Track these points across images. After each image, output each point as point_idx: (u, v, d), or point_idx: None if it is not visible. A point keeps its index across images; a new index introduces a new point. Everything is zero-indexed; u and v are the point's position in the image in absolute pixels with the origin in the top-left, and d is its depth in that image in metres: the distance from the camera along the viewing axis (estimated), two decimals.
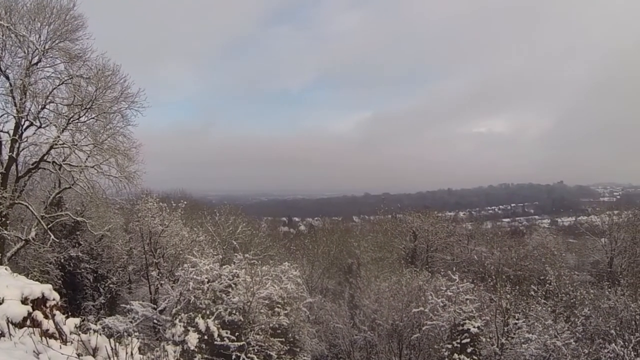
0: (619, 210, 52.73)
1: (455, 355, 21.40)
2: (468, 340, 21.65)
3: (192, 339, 17.82)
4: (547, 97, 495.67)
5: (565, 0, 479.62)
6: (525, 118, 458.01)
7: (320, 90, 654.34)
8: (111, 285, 29.25)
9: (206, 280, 20.17)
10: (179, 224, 27.32)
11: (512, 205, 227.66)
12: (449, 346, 21.74)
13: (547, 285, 34.37)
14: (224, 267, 21.36)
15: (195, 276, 20.23)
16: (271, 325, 19.85)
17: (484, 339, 22.65)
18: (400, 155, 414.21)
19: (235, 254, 23.30)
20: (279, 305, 20.55)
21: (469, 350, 21.42)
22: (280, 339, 19.73)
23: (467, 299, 23.38)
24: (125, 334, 19.64)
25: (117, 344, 6.30)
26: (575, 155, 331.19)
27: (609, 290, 31.90)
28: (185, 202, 28.26)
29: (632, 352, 21.32)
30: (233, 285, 20.16)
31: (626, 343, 21.87)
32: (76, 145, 22.74)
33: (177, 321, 18.93)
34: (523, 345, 22.49)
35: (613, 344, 22.14)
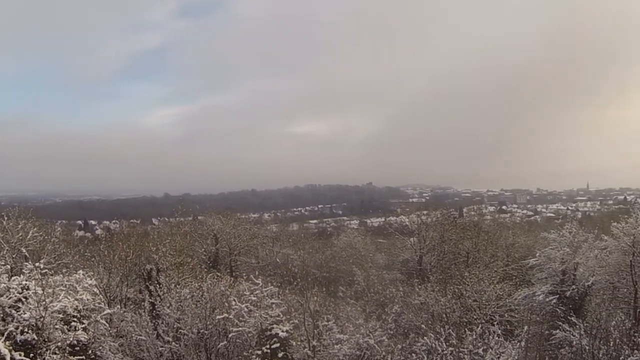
0: (427, 211, 59.48)
1: None
2: (278, 345, 22.95)
3: None
4: (374, 105, 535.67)
5: (405, 20, 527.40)
6: (347, 123, 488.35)
7: (131, 83, 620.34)
8: None
9: None
10: None
11: (320, 206, 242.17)
12: (259, 352, 22.79)
13: (356, 285, 37.73)
14: (13, 278, 20.86)
15: None
16: (69, 342, 19.61)
17: (294, 343, 24.17)
18: (206, 155, 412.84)
19: (26, 263, 22.96)
20: (76, 319, 20.50)
21: (280, 355, 22.73)
22: (80, 357, 19.64)
23: (272, 303, 24.79)
24: None
25: None
26: (386, 158, 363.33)
27: (419, 287, 36.01)
28: None
29: (443, 344, 24.51)
30: (23, 299, 19.74)
31: (438, 335, 25.10)
32: None
33: None
34: (336, 346, 24.44)
35: (425, 338, 25.29)
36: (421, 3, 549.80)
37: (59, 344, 19.34)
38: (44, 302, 19.34)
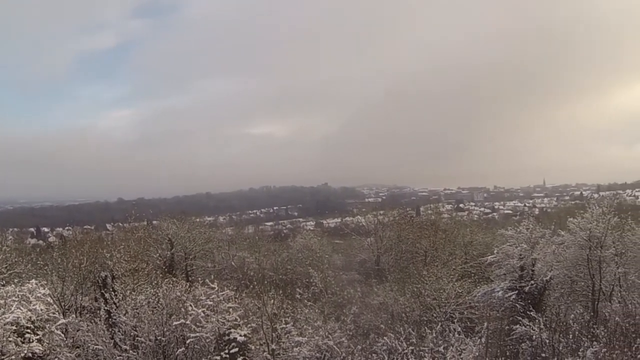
0: (384, 210, 60.30)
1: None
2: (237, 349, 23.02)
3: None
4: (333, 106, 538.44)
5: (365, 22, 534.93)
6: (305, 124, 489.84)
7: (84, 85, 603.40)
8: None
9: None
10: None
11: (275, 208, 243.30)
12: (218, 357, 22.82)
13: (313, 287, 38.03)
14: None
15: None
16: (23, 354, 19.48)
17: (253, 347, 24.27)
18: (162, 157, 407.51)
19: None
20: (29, 331, 20.34)
21: (239, 359, 22.78)
22: None
23: (229, 307, 24.85)
24: None
25: None
26: (343, 159, 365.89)
27: (378, 287, 36.51)
28: None
29: (404, 343, 24.90)
30: None
31: (398, 335, 25.49)
32: None
33: None
34: (295, 349, 24.60)
35: (385, 337, 25.66)
36: (381, 5, 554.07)
37: (13, 357, 19.15)
38: None
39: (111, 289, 28.07)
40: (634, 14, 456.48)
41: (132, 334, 24.67)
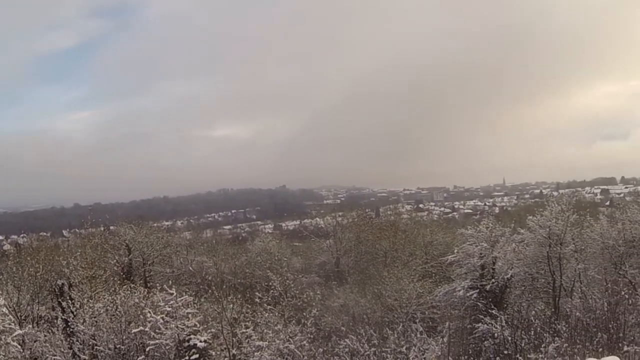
0: (343, 212, 60.70)
1: None
2: (197, 355, 22.87)
3: None
4: (292, 107, 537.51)
5: (324, 22, 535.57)
6: (264, 126, 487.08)
7: (40, 87, 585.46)
8: None
9: None
10: None
11: (233, 211, 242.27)
12: None
13: (272, 291, 38.10)
14: None
15: None
16: None
17: (214, 353, 24.13)
18: (119, 161, 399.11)
19: None
20: None
21: None
22: None
23: (188, 313, 24.71)
24: None
25: None
26: (301, 160, 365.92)
27: (338, 289, 36.75)
28: None
29: (365, 345, 25.15)
30: None
31: (359, 337, 25.72)
32: None
33: None
34: (256, 354, 24.58)
35: (347, 340, 25.88)
36: (342, 5, 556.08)
37: None
38: None
39: (68, 298, 27.61)
40: (592, 17, 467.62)
41: (90, 343, 24.34)
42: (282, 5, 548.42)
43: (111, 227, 52.36)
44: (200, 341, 23.34)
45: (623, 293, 23.32)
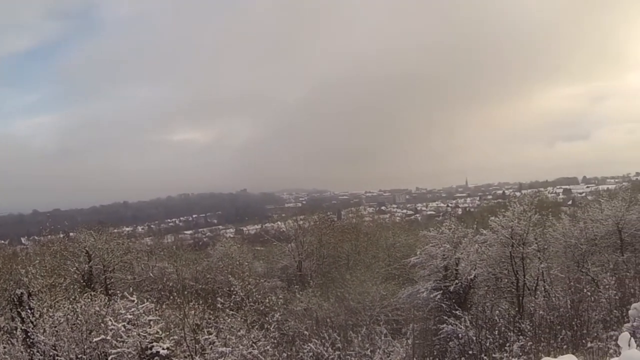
0: (304, 215, 60.77)
1: None
2: None
3: None
4: (254, 112, 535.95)
5: (288, 28, 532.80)
6: (226, 130, 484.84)
7: None
8: None
9: None
10: None
11: (194, 216, 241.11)
12: None
13: (234, 296, 37.96)
14: None
15: None
16: None
17: None
18: (79, 166, 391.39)
19: None
20: None
21: None
22: None
23: (150, 320, 24.43)
24: None
25: None
26: (262, 164, 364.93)
27: (301, 293, 36.69)
28: None
29: (329, 348, 25.17)
30: None
31: (323, 340, 25.72)
32: None
33: None
34: None
35: (311, 344, 25.87)
36: (305, 11, 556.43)
37: None
38: None
39: (27, 307, 27.14)
40: (552, 20, 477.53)
41: (51, 353, 23.93)
42: (243, 11, 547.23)
43: (71, 234, 51.71)
44: (163, 348, 23.05)
45: (585, 290, 23.79)
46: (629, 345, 8.64)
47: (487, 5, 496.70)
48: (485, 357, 23.16)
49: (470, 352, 24.48)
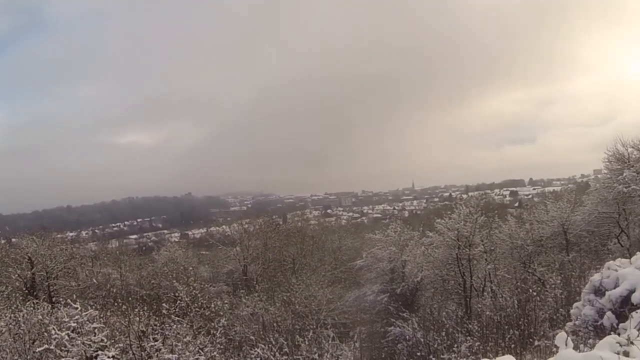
0: (250, 219, 60.60)
1: None
2: None
3: None
4: (201, 115, 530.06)
5: (237, 31, 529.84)
6: (172, 133, 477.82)
7: None
8: None
9: None
10: None
11: (139, 220, 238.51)
12: None
13: (179, 301, 37.53)
14: None
15: None
16: None
17: None
18: (21, 169, 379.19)
19: None
20: None
21: None
22: None
23: (94, 328, 23.92)
24: None
25: None
26: (207, 167, 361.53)
27: (247, 297, 36.46)
28: None
29: (277, 353, 25.04)
30: None
31: (270, 345, 25.58)
32: None
33: None
34: None
35: (258, 349, 25.71)
36: (254, 13, 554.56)
37: None
38: None
39: None
40: (500, 26, 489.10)
41: None
42: (194, 12, 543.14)
43: (12, 240, 50.74)
44: (109, 357, 22.57)
45: (532, 290, 24.18)
46: (566, 344, 8.79)
47: (441, 9, 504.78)
48: (433, 359, 23.33)
49: (419, 353, 24.63)
